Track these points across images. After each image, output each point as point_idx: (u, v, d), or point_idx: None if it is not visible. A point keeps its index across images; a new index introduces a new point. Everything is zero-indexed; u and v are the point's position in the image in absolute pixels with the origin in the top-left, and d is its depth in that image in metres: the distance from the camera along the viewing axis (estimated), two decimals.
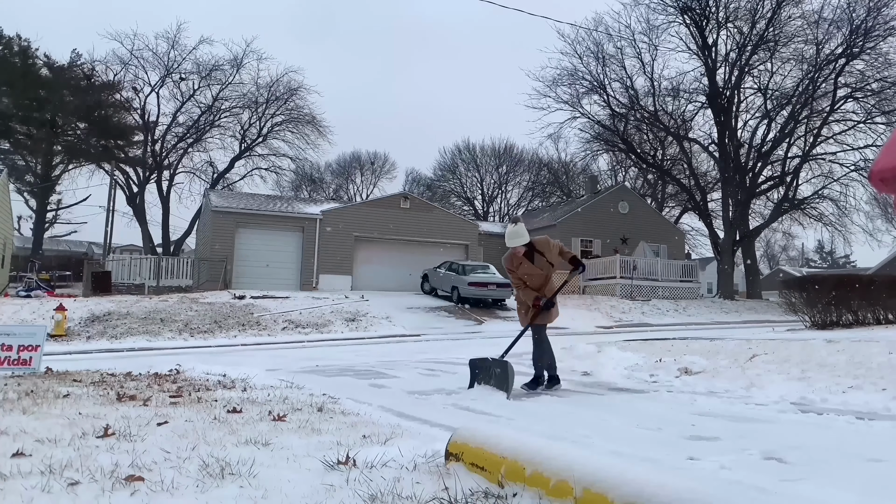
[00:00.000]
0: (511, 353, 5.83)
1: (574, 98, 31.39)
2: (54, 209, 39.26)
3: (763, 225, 32.73)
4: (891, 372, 5.41)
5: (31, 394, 4.56)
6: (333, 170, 51.15)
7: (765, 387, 5.48)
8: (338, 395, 4.93)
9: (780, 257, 60.69)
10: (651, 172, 38.46)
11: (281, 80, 35.56)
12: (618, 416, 4.47)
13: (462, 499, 2.08)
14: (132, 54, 33.31)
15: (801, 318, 13.00)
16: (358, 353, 11.51)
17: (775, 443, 3.38)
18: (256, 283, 23.62)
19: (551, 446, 2.20)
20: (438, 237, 27.20)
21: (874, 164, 1.33)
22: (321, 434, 3.24)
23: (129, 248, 40.26)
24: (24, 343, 6.83)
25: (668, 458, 3.00)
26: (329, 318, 17.39)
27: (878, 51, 26.96)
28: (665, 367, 6.90)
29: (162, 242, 34.87)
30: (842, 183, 29.86)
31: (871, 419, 4.17)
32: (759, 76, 29.97)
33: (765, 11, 27.92)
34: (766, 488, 2.42)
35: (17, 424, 3.24)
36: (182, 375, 6.24)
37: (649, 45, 29.83)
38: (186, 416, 3.67)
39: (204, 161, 36.92)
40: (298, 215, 26.23)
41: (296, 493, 2.17)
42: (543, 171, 47.37)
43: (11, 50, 33.99)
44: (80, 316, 15.52)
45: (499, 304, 21.66)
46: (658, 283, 25.36)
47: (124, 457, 2.58)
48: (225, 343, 13.96)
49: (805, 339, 8.77)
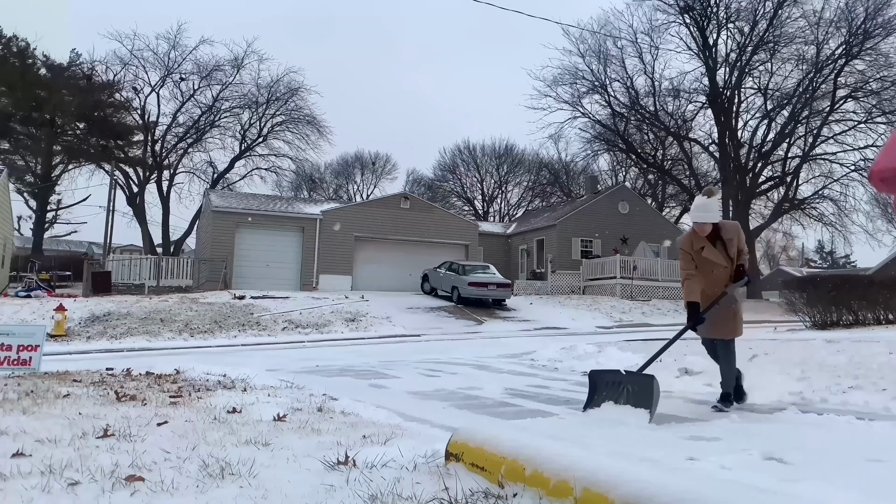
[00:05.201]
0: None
1: (574, 98, 31.46)
2: (54, 209, 39.29)
3: (763, 225, 32.74)
4: (891, 372, 5.41)
5: (31, 394, 4.56)
6: (334, 170, 51.21)
7: (765, 387, 5.48)
8: (338, 395, 4.93)
9: (780, 257, 60.63)
10: (651, 172, 38.48)
11: (281, 80, 35.63)
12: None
13: (462, 499, 2.08)
14: (132, 54, 33.40)
15: (801, 319, 13.00)
16: (358, 354, 11.51)
17: (775, 443, 3.37)
18: (256, 283, 23.62)
19: (551, 446, 2.19)
20: (438, 237, 27.20)
21: (874, 164, 1.33)
22: (321, 434, 3.24)
23: (129, 248, 40.23)
24: (24, 343, 6.83)
25: (668, 458, 2.99)
26: (329, 319, 17.38)
27: (877, 51, 26.99)
28: (665, 367, 6.89)
29: (162, 242, 34.87)
30: (842, 183, 29.92)
31: (871, 419, 4.16)
32: (759, 76, 30.03)
33: (765, 12, 27.96)
34: (767, 488, 2.41)
35: (17, 424, 3.24)
36: (182, 375, 6.24)
37: (651, 45, 29.89)
38: (186, 417, 3.67)
39: (204, 161, 37.00)
40: (298, 215, 26.23)
41: (296, 493, 2.16)
42: (544, 172, 47.38)
43: (10, 50, 33.98)
44: (80, 316, 15.52)
45: (499, 304, 21.66)
46: (658, 283, 25.36)
47: (124, 457, 2.58)
48: (225, 343, 13.96)
49: (805, 339, 8.77)
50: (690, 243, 4.79)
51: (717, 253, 4.70)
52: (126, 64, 33.50)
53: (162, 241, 34.89)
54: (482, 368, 8.06)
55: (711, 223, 4.66)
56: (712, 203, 4.70)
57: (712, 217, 4.65)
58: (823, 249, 60.13)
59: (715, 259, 4.70)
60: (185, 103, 34.93)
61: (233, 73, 34.89)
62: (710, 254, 4.70)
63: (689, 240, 4.82)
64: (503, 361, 8.99)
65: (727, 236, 4.73)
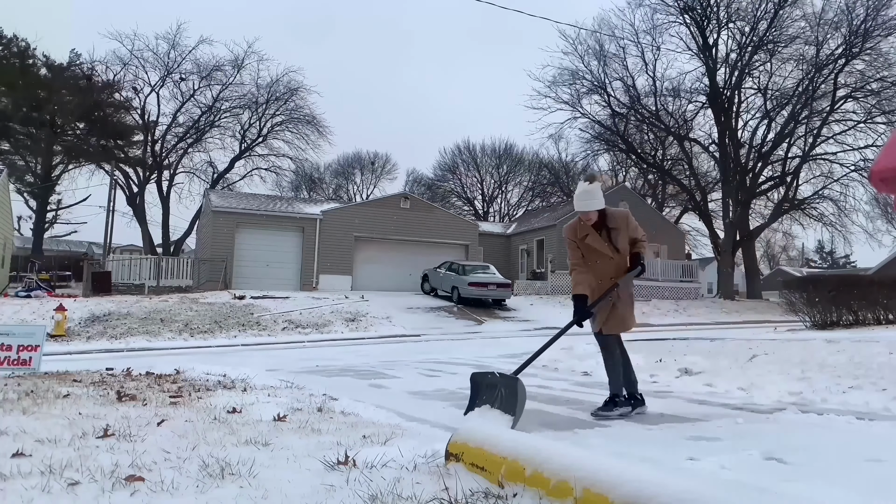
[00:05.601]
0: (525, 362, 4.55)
1: (574, 98, 31.44)
2: (54, 209, 39.30)
3: (763, 225, 32.74)
4: (891, 372, 5.41)
5: (31, 394, 4.56)
6: (334, 170, 51.21)
7: (765, 387, 5.48)
8: (338, 395, 4.93)
9: (780, 257, 60.64)
10: (651, 172, 38.47)
11: (281, 80, 35.64)
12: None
13: (462, 499, 2.08)
14: (132, 54, 33.39)
15: (801, 319, 13.00)
16: (358, 354, 11.51)
17: (775, 443, 3.38)
18: (256, 283, 23.64)
19: (551, 446, 2.19)
20: (438, 237, 27.21)
21: (874, 164, 1.33)
22: (321, 434, 3.24)
23: (129, 248, 40.24)
24: (24, 343, 6.83)
25: (668, 458, 3.00)
26: (329, 319, 17.38)
27: (877, 51, 26.99)
28: (665, 367, 6.90)
29: (162, 242, 34.87)
30: (842, 183, 29.91)
31: (871, 419, 4.16)
32: (759, 76, 30.02)
33: (766, 12, 27.95)
34: (767, 488, 2.42)
35: (17, 424, 3.24)
36: (182, 375, 6.24)
37: (651, 45, 29.87)
38: (186, 417, 3.67)
39: (204, 161, 37.00)
40: (298, 215, 26.24)
41: (296, 493, 2.16)
42: (544, 172, 47.37)
43: (10, 50, 33.99)
44: (80, 316, 15.52)
45: (499, 304, 21.65)
46: (658, 283, 25.36)
47: (124, 457, 2.58)
48: (225, 343, 13.96)
49: (805, 339, 8.77)
50: (574, 231, 4.54)
51: (602, 242, 4.43)
52: (126, 64, 33.53)
53: (162, 241, 34.90)
54: (482, 368, 8.04)
55: (596, 210, 4.40)
56: (595, 189, 4.45)
57: (596, 204, 4.39)
58: (823, 249, 60.21)
59: (599, 248, 4.43)
60: (185, 103, 34.97)
61: (233, 73, 34.93)
62: (594, 242, 4.43)
63: (573, 228, 4.56)
64: (503, 361, 8.98)
65: (613, 225, 4.47)
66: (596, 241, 4.43)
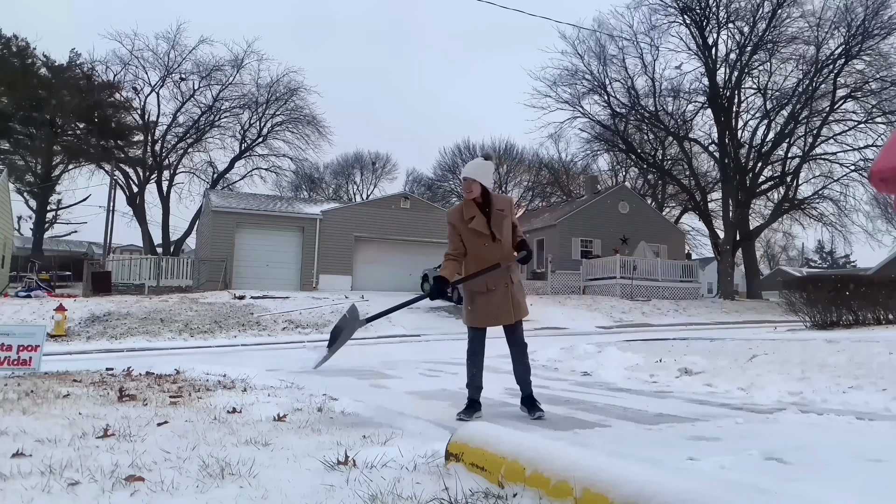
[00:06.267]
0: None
1: (574, 98, 31.47)
2: (54, 209, 39.33)
3: (763, 225, 32.75)
4: (891, 372, 5.40)
5: (31, 394, 4.56)
6: (333, 170, 51.23)
7: (765, 387, 5.48)
8: (338, 395, 4.93)
9: (780, 257, 60.65)
10: (651, 172, 38.48)
11: (281, 80, 35.65)
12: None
13: (462, 499, 2.07)
14: (132, 54, 33.41)
15: (801, 319, 12.99)
16: (358, 354, 11.50)
17: (776, 443, 3.37)
18: (256, 283, 23.64)
19: (551, 446, 2.19)
20: (439, 237, 27.18)
21: (874, 164, 1.33)
22: (321, 434, 3.24)
23: (129, 248, 40.26)
24: (24, 343, 6.84)
25: (668, 458, 2.99)
26: (329, 319, 17.38)
27: (877, 51, 26.99)
28: (665, 367, 6.90)
29: (162, 242, 34.88)
30: (842, 183, 29.94)
31: (871, 419, 4.16)
32: (758, 76, 30.03)
33: (765, 12, 27.95)
34: (767, 488, 2.41)
35: (17, 424, 3.24)
36: (182, 375, 6.24)
37: (651, 46, 29.88)
38: (186, 417, 3.67)
39: (204, 161, 37.01)
40: (298, 215, 26.24)
41: (296, 493, 2.16)
42: (544, 171, 47.37)
43: (10, 50, 33.98)
44: (80, 316, 15.53)
45: None
46: (658, 283, 25.36)
47: (124, 457, 2.58)
48: (225, 343, 13.96)
49: (805, 339, 8.76)
50: (460, 213, 4.42)
51: (485, 223, 4.34)
52: (126, 64, 33.55)
53: (162, 241, 34.91)
54: (482, 368, 8.03)
55: (481, 183, 4.36)
56: (488, 166, 4.51)
57: (484, 178, 4.38)
58: (823, 249, 60.23)
59: (482, 230, 4.33)
60: (185, 103, 34.98)
61: (233, 73, 34.95)
62: (478, 225, 4.33)
63: (459, 210, 4.46)
64: (503, 362, 8.97)
65: (500, 206, 4.40)
66: (480, 224, 4.35)
